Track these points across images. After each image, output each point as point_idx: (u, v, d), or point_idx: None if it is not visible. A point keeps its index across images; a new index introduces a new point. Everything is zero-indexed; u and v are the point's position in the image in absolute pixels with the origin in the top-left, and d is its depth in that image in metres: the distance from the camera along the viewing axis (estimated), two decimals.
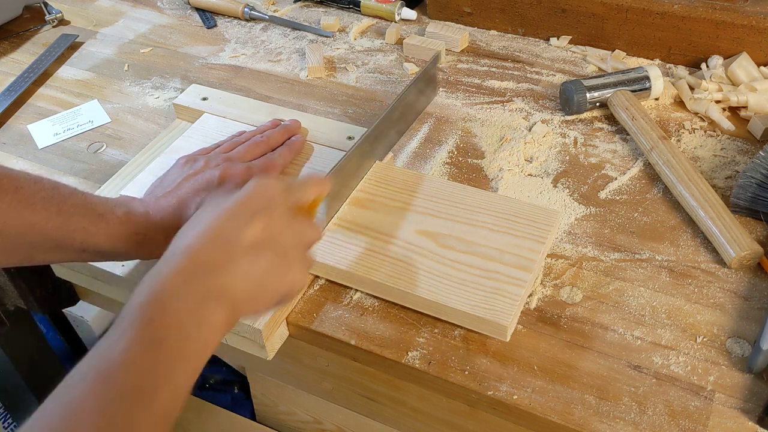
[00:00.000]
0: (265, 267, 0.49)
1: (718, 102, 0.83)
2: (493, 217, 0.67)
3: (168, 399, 0.42)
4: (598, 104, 0.85)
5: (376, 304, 0.65)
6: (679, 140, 0.81)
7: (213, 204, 0.51)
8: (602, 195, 0.75)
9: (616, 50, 0.95)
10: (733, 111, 0.84)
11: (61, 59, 1.02)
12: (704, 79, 0.85)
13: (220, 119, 0.81)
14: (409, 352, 0.61)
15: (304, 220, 0.55)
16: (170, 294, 0.45)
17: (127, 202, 0.62)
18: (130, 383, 0.41)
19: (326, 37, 1.04)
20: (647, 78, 0.84)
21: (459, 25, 1.03)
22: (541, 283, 0.66)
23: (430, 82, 0.84)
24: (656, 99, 0.86)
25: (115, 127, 0.89)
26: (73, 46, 1.05)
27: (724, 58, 0.88)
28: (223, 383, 1.20)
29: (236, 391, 1.18)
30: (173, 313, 0.44)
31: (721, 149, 0.79)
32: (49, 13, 1.10)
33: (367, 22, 1.06)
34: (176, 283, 0.45)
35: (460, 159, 0.81)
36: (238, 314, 0.48)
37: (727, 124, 0.82)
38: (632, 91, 0.84)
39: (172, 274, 0.46)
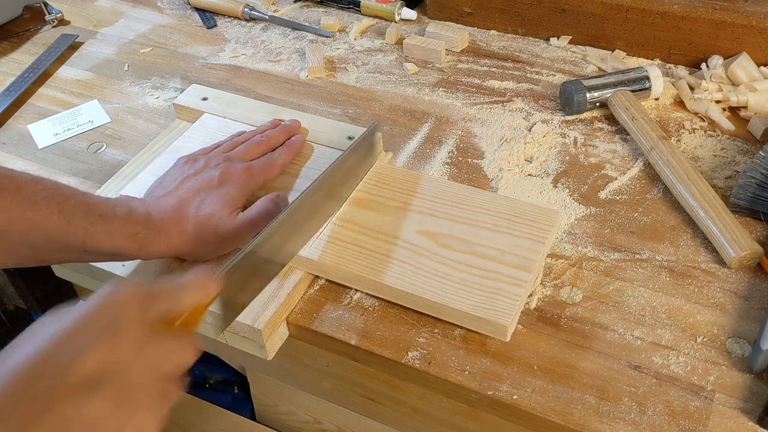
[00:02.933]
0: (98, 411, 0.37)
1: (718, 102, 0.83)
2: (493, 217, 0.67)
3: None
4: (598, 104, 0.85)
5: (376, 304, 0.65)
6: (679, 140, 0.81)
7: (45, 323, 0.40)
8: (602, 195, 0.75)
9: (616, 50, 0.95)
10: (733, 111, 0.84)
11: (61, 59, 1.02)
12: (704, 79, 0.85)
13: (220, 119, 0.81)
14: (409, 352, 0.61)
15: (171, 341, 0.43)
16: None
17: (127, 202, 0.62)
18: None
19: (326, 37, 1.04)
20: (647, 78, 0.84)
21: (459, 25, 1.04)
22: (541, 283, 0.66)
23: (369, 151, 0.73)
24: (656, 99, 0.86)
25: (115, 127, 0.89)
26: (73, 46, 1.05)
27: (724, 58, 0.88)
28: (223, 383, 1.19)
29: (236, 391, 1.18)
30: None
31: (721, 149, 0.79)
32: (49, 13, 1.10)
33: (367, 22, 1.06)
34: None
35: (460, 159, 0.81)
36: None
37: (727, 124, 0.82)
38: (632, 91, 0.84)
39: None
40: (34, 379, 0.37)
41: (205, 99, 0.84)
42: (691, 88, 0.87)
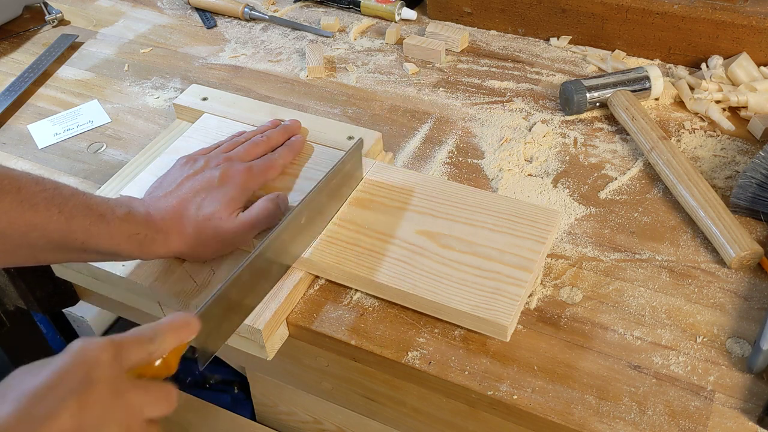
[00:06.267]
0: None
1: (718, 102, 0.83)
2: (493, 217, 0.67)
3: None
4: (598, 104, 0.85)
5: (376, 304, 0.65)
6: (679, 140, 0.81)
7: (18, 379, 0.40)
8: (602, 195, 0.75)
9: (616, 50, 0.95)
10: (733, 111, 0.84)
11: (61, 59, 1.02)
12: (704, 79, 0.85)
13: (220, 119, 0.81)
14: (409, 352, 0.61)
15: (147, 390, 0.43)
16: None
17: (127, 203, 0.62)
18: None
19: (326, 37, 1.04)
20: (647, 78, 0.84)
21: (459, 25, 1.03)
22: (541, 283, 0.66)
23: (355, 170, 0.71)
24: (656, 99, 0.86)
25: (115, 127, 0.89)
26: (73, 46, 1.05)
27: (724, 58, 0.88)
28: (223, 383, 1.20)
29: (236, 391, 1.18)
30: None
31: (721, 149, 0.79)
32: (49, 13, 1.10)
33: (367, 22, 1.06)
34: None
35: (460, 159, 0.81)
36: None
37: (727, 124, 0.82)
38: (632, 91, 0.84)
39: None
40: None
41: (205, 99, 0.84)
42: (691, 88, 0.87)
